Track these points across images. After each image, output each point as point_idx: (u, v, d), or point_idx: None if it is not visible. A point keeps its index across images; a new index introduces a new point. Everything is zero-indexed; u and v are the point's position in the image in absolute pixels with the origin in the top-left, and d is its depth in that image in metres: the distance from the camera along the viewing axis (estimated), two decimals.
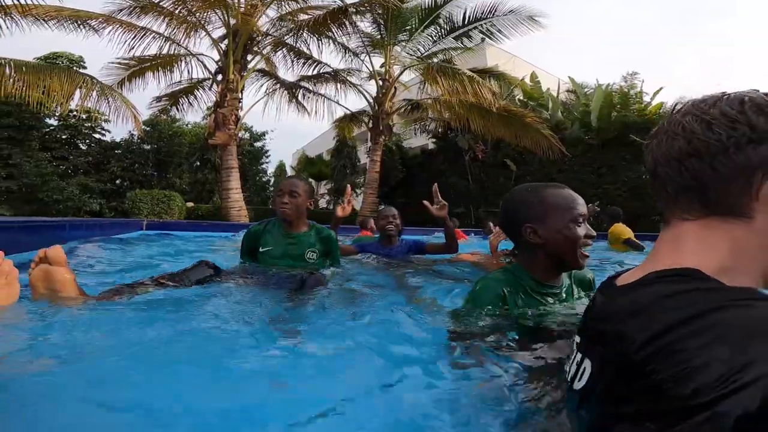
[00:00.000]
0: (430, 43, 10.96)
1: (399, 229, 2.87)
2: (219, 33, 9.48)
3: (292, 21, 9.52)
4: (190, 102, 11.77)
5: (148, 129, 17.57)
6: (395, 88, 10.80)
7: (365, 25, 10.30)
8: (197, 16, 8.70)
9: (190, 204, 14.58)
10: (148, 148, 18.63)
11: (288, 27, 9.60)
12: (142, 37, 8.95)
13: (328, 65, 11.10)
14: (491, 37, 10.81)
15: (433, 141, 14.29)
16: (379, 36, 10.47)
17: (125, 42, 8.86)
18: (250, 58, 9.80)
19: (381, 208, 3.31)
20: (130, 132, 18.06)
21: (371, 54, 10.90)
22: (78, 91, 7.98)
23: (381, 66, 10.74)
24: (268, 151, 22.09)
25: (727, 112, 0.49)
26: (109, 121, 16.02)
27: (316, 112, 11.90)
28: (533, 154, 10.49)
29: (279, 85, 11.37)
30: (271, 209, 15.35)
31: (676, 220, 0.54)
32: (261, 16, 9.17)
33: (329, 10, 8.79)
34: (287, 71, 11.57)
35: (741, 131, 0.48)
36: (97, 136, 17.83)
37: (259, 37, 9.56)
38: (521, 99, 12.07)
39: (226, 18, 8.86)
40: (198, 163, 18.41)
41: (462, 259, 2.97)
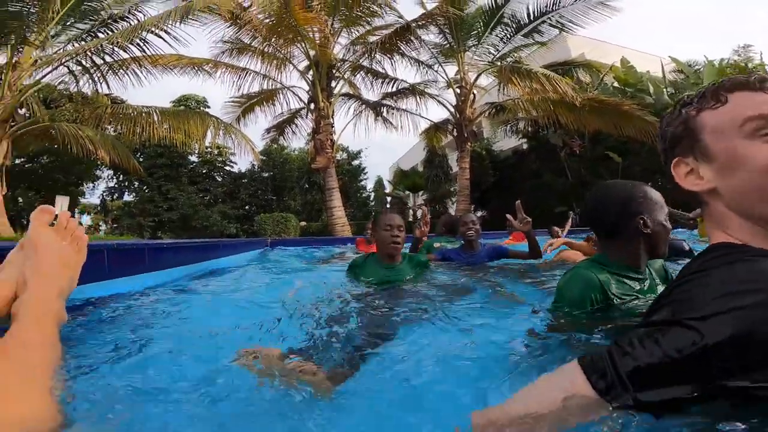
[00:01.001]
0: (500, 45, 10.66)
1: (479, 234, 2.88)
2: (304, 65, 10.63)
3: (363, 45, 10.21)
4: (293, 130, 13.36)
5: (264, 158, 20.38)
6: (474, 94, 10.78)
7: (432, 37, 10.54)
8: (283, 52, 9.93)
9: (303, 223, 16.51)
10: (266, 175, 21.52)
11: (360, 51, 10.33)
12: (245, 76, 10.69)
13: (405, 81, 11.55)
14: (563, 29, 10.06)
15: (524, 141, 13.73)
16: (447, 45, 10.55)
17: (233, 82, 10.75)
18: (334, 84, 10.72)
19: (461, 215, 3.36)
20: (252, 162, 21.11)
21: (444, 63, 11.02)
22: (209, 131, 9.94)
23: (456, 74, 10.81)
24: (365, 168, 23.55)
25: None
26: (234, 154, 19.14)
27: (402, 127, 12.52)
28: (640, 143, 9.44)
29: (364, 105, 12.22)
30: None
31: None
32: (334, 45, 10.04)
33: (394, 29, 9.25)
34: (369, 91, 12.43)
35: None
36: (227, 168, 21.27)
37: (338, 64, 10.42)
38: (616, 86, 10.92)
39: (307, 51, 9.87)
40: (306, 186, 20.60)
41: (566, 258, 2.73)
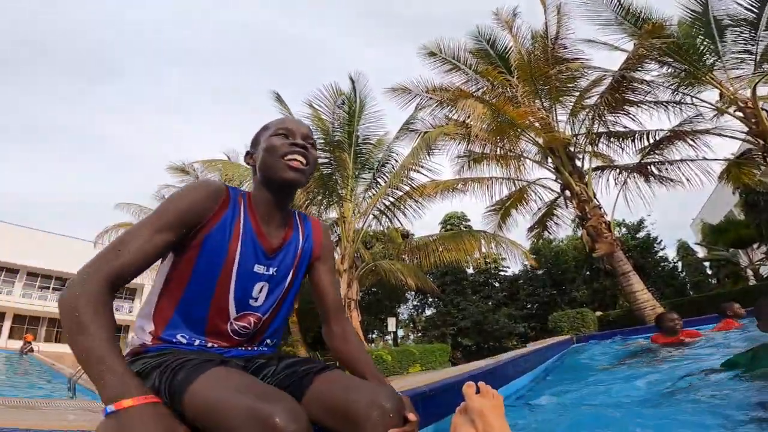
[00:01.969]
0: (751, 48, 8.01)
1: None
2: (540, 156, 10.63)
3: (586, 111, 9.64)
4: (555, 222, 12.84)
5: (534, 256, 20.34)
6: (765, 111, 8.06)
7: (653, 76, 9.09)
8: (514, 150, 10.32)
9: (597, 313, 14.86)
10: (541, 272, 21.13)
11: (587, 118, 9.70)
12: (491, 185, 11.56)
13: (661, 129, 10.01)
14: None
15: None
16: (681, 73, 8.94)
17: (483, 193, 11.70)
18: (579, 163, 10.12)
19: None
20: (524, 264, 21.40)
21: (695, 93, 9.26)
22: (482, 245, 11.14)
23: (722, 99, 8.65)
24: (657, 237, 19.66)
25: None
26: (505, 259, 20.01)
27: (687, 179, 10.21)
28: None
29: (624, 171, 10.83)
30: (692, 298, 12.95)
31: None
32: (556, 124, 9.83)
33: (607, 86, 8.70)
34: (623, 155, 10.89)
35: None
36: (502, 273, 22.26)
37: (572, 141, 9.96)
38: None
39: (535, 140, 9.89)
40: (588, 273, 18.84)
41: None
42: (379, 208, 11.43)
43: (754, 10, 8.03)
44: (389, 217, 11.70)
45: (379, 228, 12.66)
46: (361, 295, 12.03)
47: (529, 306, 21.54)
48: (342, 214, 10.96)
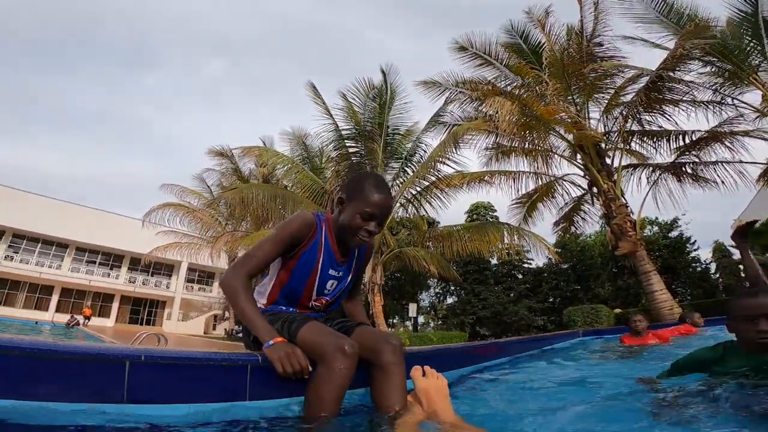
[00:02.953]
0: None
1: None
2: (569, 152, 10.59)
3: (620, 107, 9.54)
4: (582, 217, 12.86)
5: (559, 251, 20.20)
6: None
7: (695, 75, 8.87)
8: (543, 145, 10.39)
9: (617, 310, 14.82)
10: (566, 266, 21.01)
11: (621, 116, 9.60)
12: (518, 178, 11.66)
13: (699, 130, 9.78)
14: None
15: None
16: (725, 73, 8.68)
17: (510, 186, 11.84)
18: (609, 161, 10.04)
19: None
20: (548, 257, 21.32)
21: (737, 94, 8.99)
22: (505, 236, 11.37)
23: (764, 100, 8.33)
24: (690, 237, 19.10)
25: None
26: (529, 251, 20.02)
27: (723, 181, 9.99)
28: None
29: (657, 170, 10.69)
30: (716, 300, 12.69)
31: None
32: (588, 121, 9.81)
33: (645, 84, 8.56)
34: (658, 154, 10.64)
35: None
36: (526, 265, 22.27)
37: (603, 139, 9.88)
38: None
39: (564, 137, 9.94)
40: (614, 270, 18.64)
41: None
42: (406, 196, 11.79)
43: None
44: (416, 206, 12.04)
45: (405, 215, 12.96)
46: (384, 280, 12.51)
47: (551, 299, 21.54)
48: None
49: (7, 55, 65.44)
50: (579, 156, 10.11)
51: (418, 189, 11.72)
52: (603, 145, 10.06)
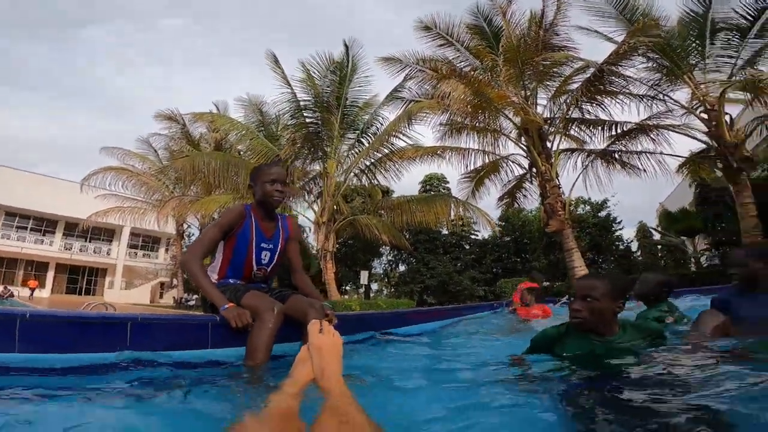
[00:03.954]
0: (733, 53, 8.83)
1: None
2: (515, 133, 11.32)
3: (566, 95, 10.29)
4: (523, 195, 13.86)
5: (503, 224, 21.62)
6: (729, 115, 8.96)
7: (637, 70, 9.69)
8: (492, 125, 11.07)
9: (546, 283, 16.32)
10: (508, 239, 22.54)
11: (564, 104, 10.39)
12: (468, 155, 12.33)
13: (629, 121, 10.78)
14: None
15: None
16: (664, 70, 9.52)
17: (460, 162, 12.50)
18: (550, 144, 10.87)
19: None
20: (492, 229, 22.69)
21: (671, 90, 9.91)
22: (452, 210, 12.15)
23: (692, 99, 9.39)
24: (617, 218, 21.17)
25: None
26: (476, 223, 21.21)
27: (645, 170, 11.21)
28: None
29: (590, 155, 11.69)
30: (634, 277, 14.35)
31: None
32: (535, 106, 10.51)
33: (588, 76, 9.24)
34: (592, 142, 11.65)
35: None
36: (473, 236, 23.57)
37: (546, 124, 10.66)
38: None
39: (512, 120, 10.64)
40: (548, 245, 20.29)
41: None
42: (360, 167, 12.14)
43: (749, 18, 8.65)
44: (369, 176, 12.44)
45: (360, 184, 13.28)
46: (337, 246, 12.92)
47: (494, 270, 23.08)
48: (325, 169, 11.67)
49: None
50: (523, 138, 10.86)
51: (372, 160, 12.06)
52: (546, 129, 10.82)
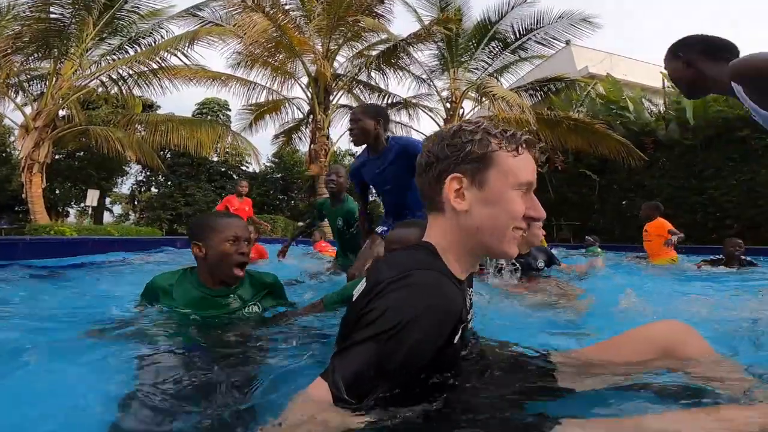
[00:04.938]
0: (490, 61, 11.40)
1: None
2: (306, 80, 11.46)
3: (362, 59, 11.09)
4: (299, 137, 14.41)
5: (276, 160, 21.59)
6: (462, 109, 11.52)
7: (429, 52, 11.24)
8: (286, 67, 11.05)
9: (300, 223, 17.56)
10: (278, 176, 22.74)
11: (357, 66, 11.23)
12: (254, 88, 11.94)
13: (398, 95, 12.45)
14: (547, 45, 11.00)
15: None
16: (442, 60, 11.34)
17: (244, 93, 12.07)
18: (332, 98, 11.56)
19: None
20: (264, 164, 22.37)
21: (439, 78, 11.84)
22: (217, 137, 11.20)
23: (448, 88, 11.50)
24: None
25: (431, 145, 0.78)
26: (250, 155, 20.46)
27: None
28: (619, 161, 10.03)
29: None
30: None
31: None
32: (333, 61, 10.99)
33: (387, 47, 10.17)
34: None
35: (430, 157, 0.76)
36: (243, 168, 22.59)
37: (335, 80, 11.32)
38: (602, 103, 11.44)
39: (306, 68, 10.82)
40: (311, 188, 21.72)
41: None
42: (113, 76, 9.79)
43: (517, 34, 10.71)
44: (126, 87, 10.13)
45: (113, 92, 10.72)
46: (58, 158, 9.94)
47: (259, 206, 23.00)
48: (57, 70, 9.04)
49: None
50: (311, 87, 11.10)
51: (134, 72, 9.78)
52: (334, 85, 11.37)
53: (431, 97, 12.56)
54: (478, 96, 10.49)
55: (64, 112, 10.53)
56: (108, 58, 9.93)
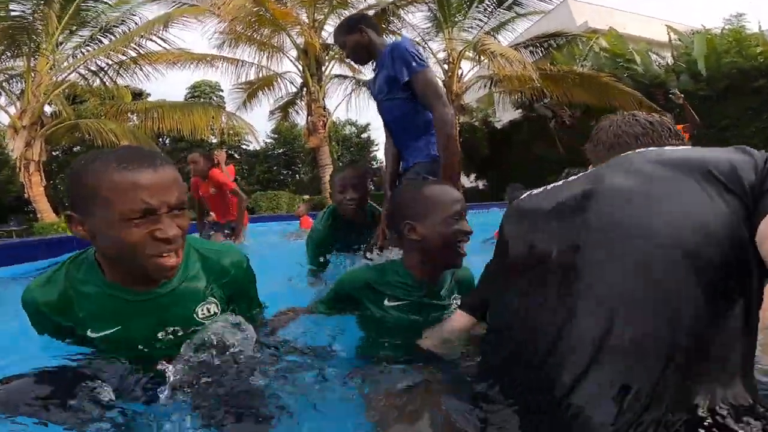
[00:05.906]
0: (485, 19, 10.73)
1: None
2: (295, 53, 11.15)
3: None
4: (296, 111, 14.15)
5: (276, 136, 21.22)
6: (461, 69, 11.01)
7: (417, 17, 10.74)
8: (273, 41, 10.63)
9: (306, 197, 17.39)
10: (280, 152, 22.46)
11: None
12: (242, 65, 11.56)
13: None
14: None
15: (520, 113, 13.86)
16: (435, 21, 10.75)
17: (233, 72, 11.73)
18: (324, 68, 11.22)
19: None
20: (264, 141, 22.05)
21: (432, 39, 11.26)
22: (211, 119, 10.99)
23: (444, 50, 10.94)
24: (375, 140, 24.05)
25: None
26: (249, 134, 20.13)
27: None
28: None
29: (358, 84, 12.67)
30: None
31: None
32: (320, 31, 10.61)
33: (376, 11, 9.72)
34: (364, 72, 12.65)
35: None
36: (243, 147, 22.31)
37: (326, 50, 10.94)
38: (607, 57, 10.78)
39: (294, 40, 10.44)
40: (312, 161, 21.46)
41: None
42: (92, 67, 9.58)
43: None
44: (108, 78, 9.87)
45: (94, 85, 10.44)
46: (54, 155, 9.85)
47: (265, 183, 22.89)
48: (32, 67, 8.81)
49: None
50: (301, 59, 10.77)
51: (112, 62, 9.48)
52: (325, 55, 11.04)
53: (428, 60, 11.94)
54: (476, 55, 9.97)
55: (51, 108, 10.35)
56: (82, 50, 9.59)
